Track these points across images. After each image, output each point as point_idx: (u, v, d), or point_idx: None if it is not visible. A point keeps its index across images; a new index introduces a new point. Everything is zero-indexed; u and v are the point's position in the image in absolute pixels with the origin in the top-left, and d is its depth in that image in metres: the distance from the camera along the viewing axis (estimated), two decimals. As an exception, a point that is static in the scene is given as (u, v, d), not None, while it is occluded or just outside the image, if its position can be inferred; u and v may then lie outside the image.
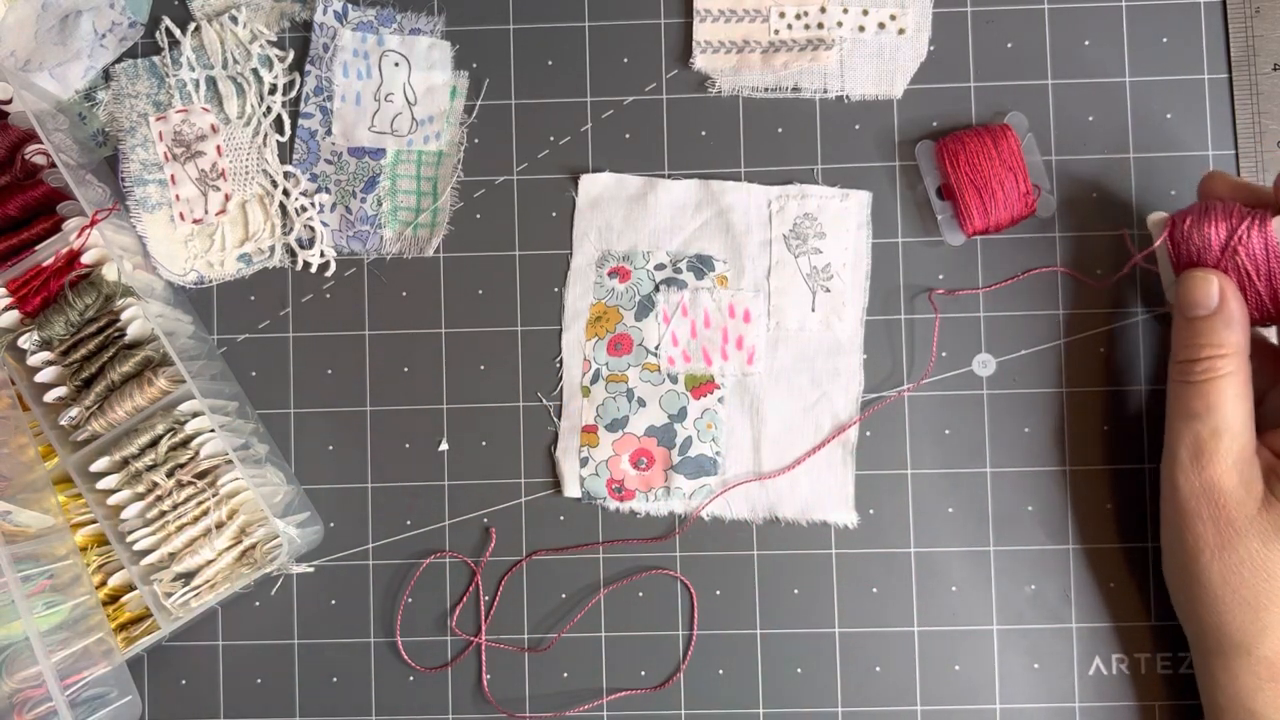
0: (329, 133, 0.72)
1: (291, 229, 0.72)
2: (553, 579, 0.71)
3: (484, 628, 0.71)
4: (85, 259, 0.66)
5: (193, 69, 0.72)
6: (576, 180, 0.72)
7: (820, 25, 0.71)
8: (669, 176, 0.72)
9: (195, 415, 0.66)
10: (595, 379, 0.71)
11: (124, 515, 0.66)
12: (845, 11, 0.71)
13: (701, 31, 0.72)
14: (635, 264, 0.71)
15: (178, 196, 0.72)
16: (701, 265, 0.71)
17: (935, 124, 0.71)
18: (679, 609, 0.70)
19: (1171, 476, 0.61)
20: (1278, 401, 0.63)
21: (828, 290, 0.71)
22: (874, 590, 0.70)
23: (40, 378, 0.66)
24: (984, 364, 0.70)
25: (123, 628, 0.67)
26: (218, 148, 0.72)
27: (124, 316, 0.66)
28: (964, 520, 0.70)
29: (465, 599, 0.71)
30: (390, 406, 0.71)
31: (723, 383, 0.71)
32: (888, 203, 0.71)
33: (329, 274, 0.72)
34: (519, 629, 0.71)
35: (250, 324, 0.72)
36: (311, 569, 0.71)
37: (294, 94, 0.72)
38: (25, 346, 0.66)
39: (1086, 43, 0.71)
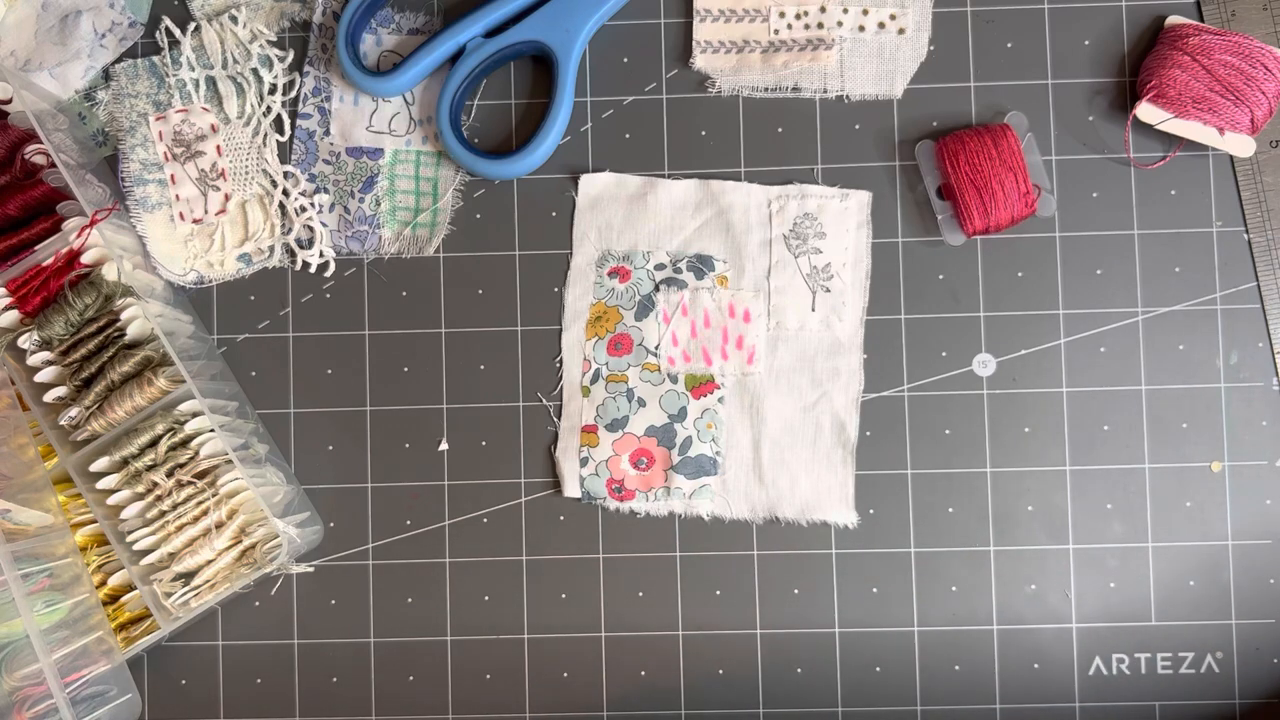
0: (327, 133, 0.72)
1: (291, 229, 0.72)
2: (552, 579, 0.71)
3: (484, 627, 0.71)
4: (85, 259, 0.66)
5: (193, 69, 0.72)
6: (576, 180, 0.72)
7: (820, 25, 0.71)
8: (669, 176, 0.72)
9: (195, 415, 0.66)
10: (595, 379, 0.71)
11: (124, 515, 0.66)
12: (845, 11, 0.71)
13: (701, 31, 0.72)
14: (635, 264, 0.71)
15: (178, 196, 0.72)
16: (701, 265, 0.71)
17: (935, 124, 0.71)
18: (679, 608, 0.70)
19: None
20: None
21: (828, 290, 0.71)
22: (874, 590, 0.70)
23: (40, 378, 0.66)
24: (984, 364, 0.70)
25: (123, 627, 0.67)
26: (217, 147, 0.72)
27: (124, 316, 0.66)
28: (964, 520, 0.70)
29: (464, 599, 0.71)
30: (390, 406, 0.71)
31: (723, 383, 0.71)
32: (888, 203, 0.71)
33: (328, 274, 0.72)
34: (519, 628, 0.71)
35: (250, 324, 0.72)
36: (311, 569, 0.71)
37: (294, 94, 0.72)
38: (25, 346, 0.66)
39: (1086, 43, 0.71)
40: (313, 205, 0.72)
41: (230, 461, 0.65)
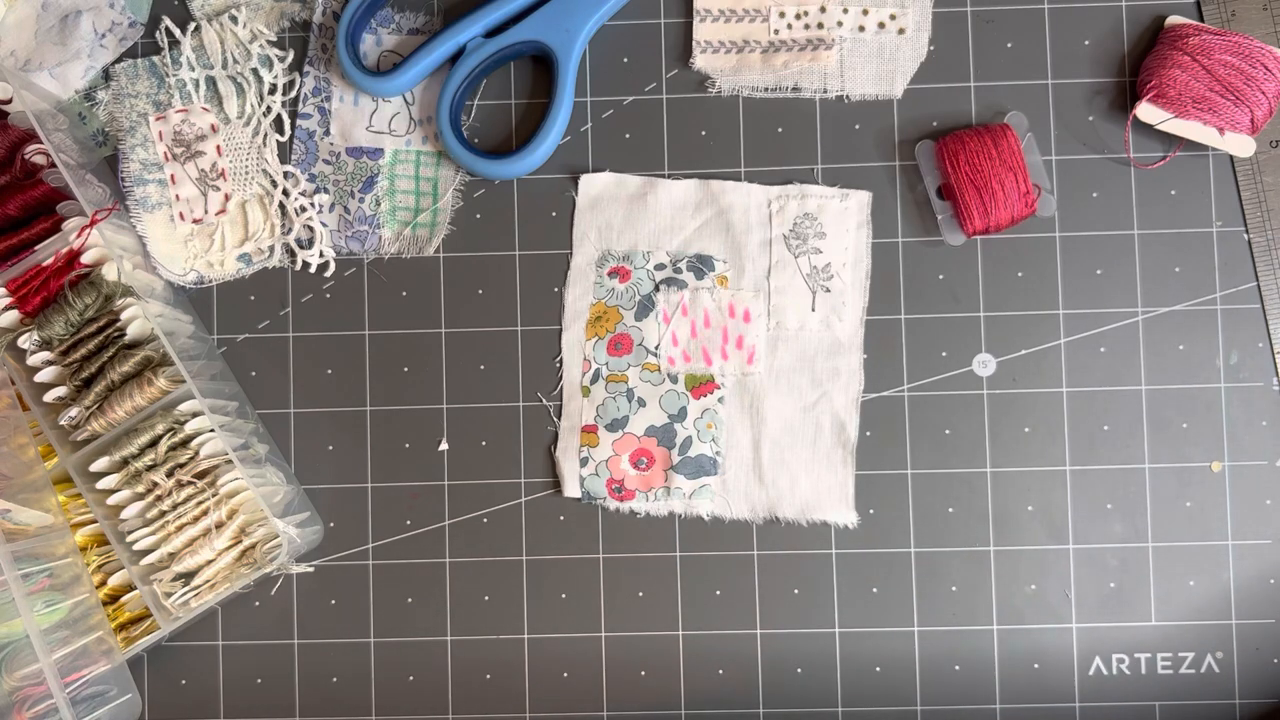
0: (327, 133, 0.72)
1: (291, 229, 0.72)
2: (552, 579, 0.71)
3: (484, 627, 0.71)
4: (85, 259, 0.66)
5: (193, 69, 0.72)
6: (576, 180, 0.72)
7: (820, 25, 0.71)
8: (669, 176, 0.72)
9: (195, 415, 0.66)
10: (595, 379, 0.71)
11: (124, 515, 0.66)
12: (845, 11, 0.71)
13: (701, 31, 0.72)
14: (635, 264, 0.71)
15: (178, 196, 0.72)
16: (701, 265, 0.71)
17: (935, 124, 0.71)
18: (679, 608, 0.70)
19: None
20: None
21: (828, 290, 0.71)
22: (874, 590, 0.70)
23: (40, 378, 0.66)
24: (984, 364, 0.70)
25: (123, 627, 0.67)
26: (217, 147, 0.72)
27: (124, 316, 0.66)
28: (964, 520, 0.70)
29: (464, 599, 0.71)
30: (390, 406, 0.71)
31: (723, 383, 0.71)
32: (888, 203, 0.71)
33: (328, 274, 0.72)
34: (519, 628, 0.71)
35: (250, 324, 0.72)
36: (311, 569, 0.71)
37: (294, 94, 0.72)
38: (25, 346, 0.66)
39: (1086, 43, 0.71)
40: (313, 205, 0.72)
41: (230, 461, 0.65)
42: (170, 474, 0.65)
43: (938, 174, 0.70)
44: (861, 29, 0.71)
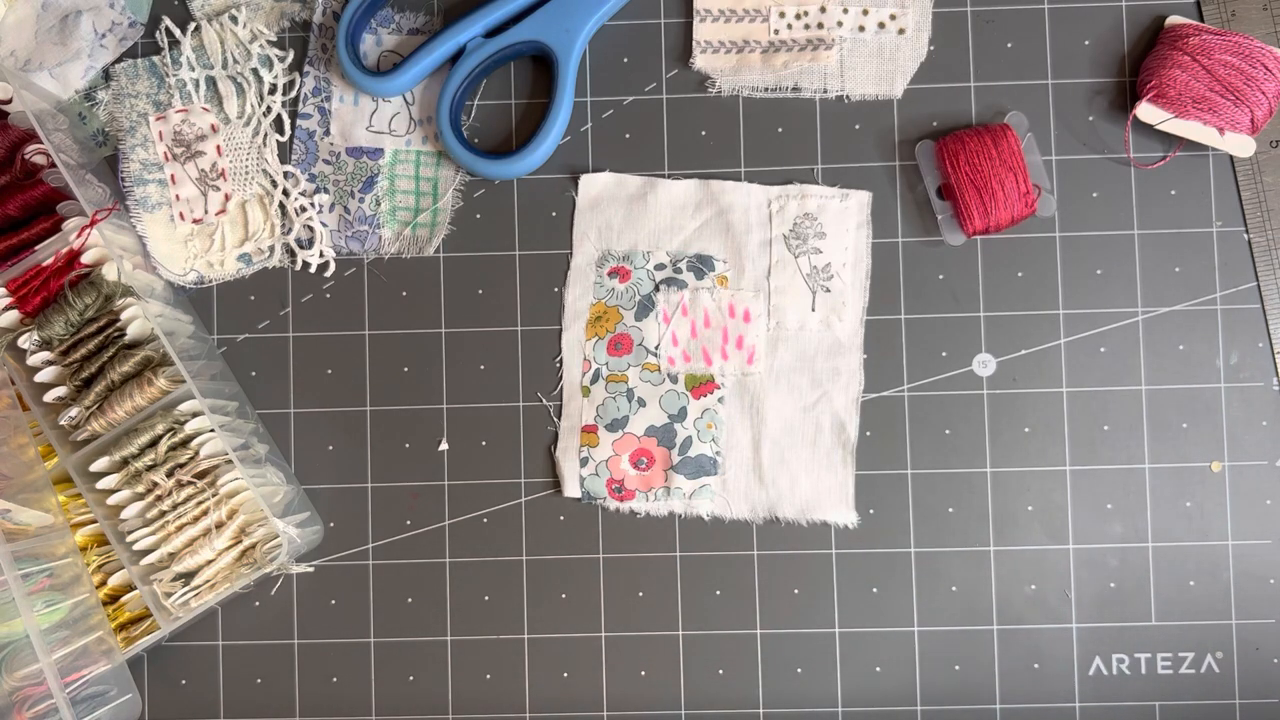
0: (327, 133, 0.72)
1: (291, 229, 0.72)
2: (553, 579, 0.71)
3: (484, 627, 0.71)
4: (85, 259, 0.66)
5: (193, 69, 0.72)
6: (576, 180, 0.72)
7: (820, 25, 0.71)
8: (669, 176, 0.72)
9: (195, 415, 0.66)
10: (595, 379, 0.71)
11: (124, 515, 0.66)
12: (845, 11, 0.71)
13: (701, 31, 0.72)
14: (635, 264, 0.71)
15: (178, 196, 0.72)
16: (701, 265, 0.71)
17: (935, 124, 0.71)
18: (680, 608, 0.70)
19: None
20: None
21: (828, 290, 0.71)
22: (874, 590, 0.70)
23: (40, 378, 0.66)
24: (984, 364, 0.70)
25: (123, 627, 0.67)
26: (217, 147, 0.72)
27: (124, 316, 0.66)
28: (964, 520, 0.70)
29: (464, 599, 0.71)
30: (390, 406, 0.71)
31: (723, 383, 0.71)
32: (888, 203, 0.71)
33: (329, 274, 0.72)
34: (519, 628, 0.71)
35: (250, 324, 0.72)
36: (311, 569, 0.71)
37: (294, 94, 0.72)
38: (25, 346, 0.66)
39: (1086, 43, 0.71)
40: (313, 205, 0.72)
41: (230, 461, 0.65)
42: (170, 474, 0.66)
43: (938, 174, 0.70)
44: (861, 29, 0.71)
